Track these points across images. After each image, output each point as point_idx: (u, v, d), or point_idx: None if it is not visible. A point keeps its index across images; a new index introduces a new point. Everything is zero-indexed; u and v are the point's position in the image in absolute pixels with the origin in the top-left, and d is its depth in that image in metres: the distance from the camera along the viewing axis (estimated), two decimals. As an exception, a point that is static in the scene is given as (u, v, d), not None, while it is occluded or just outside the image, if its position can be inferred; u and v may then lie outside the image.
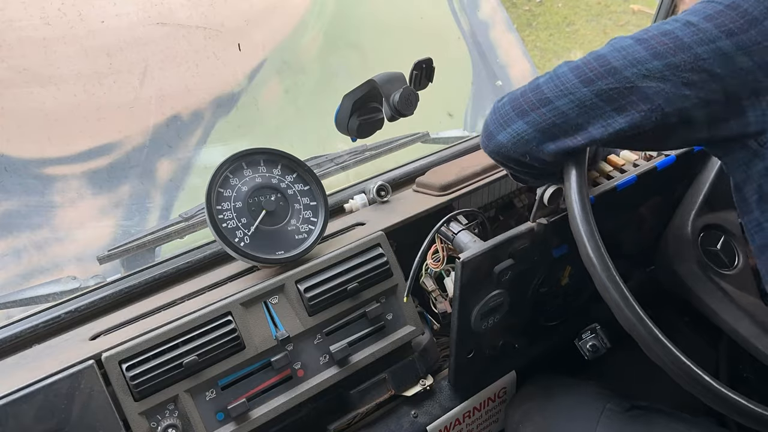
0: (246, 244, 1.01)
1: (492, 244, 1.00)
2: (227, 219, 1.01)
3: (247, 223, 1.03)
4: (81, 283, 1.19)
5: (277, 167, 1.08)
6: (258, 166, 1.06)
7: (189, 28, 1.53)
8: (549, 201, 1.01)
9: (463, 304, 1.02)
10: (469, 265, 0.98)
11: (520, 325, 1.19)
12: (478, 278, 1.00)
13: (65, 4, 1.35)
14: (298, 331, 1.00)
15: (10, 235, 1.44)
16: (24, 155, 1.46)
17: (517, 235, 1.02)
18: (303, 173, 1.10)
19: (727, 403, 0.76)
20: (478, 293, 1.03)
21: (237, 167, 1.04)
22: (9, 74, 1.36)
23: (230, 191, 1.03)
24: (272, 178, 1.07)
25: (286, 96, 1.89)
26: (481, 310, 1.04)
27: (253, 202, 1.04)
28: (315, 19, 1.97)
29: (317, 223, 1.09)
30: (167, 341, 0.91)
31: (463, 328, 1.05)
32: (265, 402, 0.97)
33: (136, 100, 1.52)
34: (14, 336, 1.03)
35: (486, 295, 1.04)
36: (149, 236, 1.23)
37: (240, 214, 1.02)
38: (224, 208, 1.01)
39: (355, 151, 1.41)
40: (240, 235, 1.02)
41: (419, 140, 1.54)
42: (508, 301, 1.08)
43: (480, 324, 1.06)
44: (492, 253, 1.00)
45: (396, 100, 1.02)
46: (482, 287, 1.03)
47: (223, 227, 1.00)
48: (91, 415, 0.86)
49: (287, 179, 1.08)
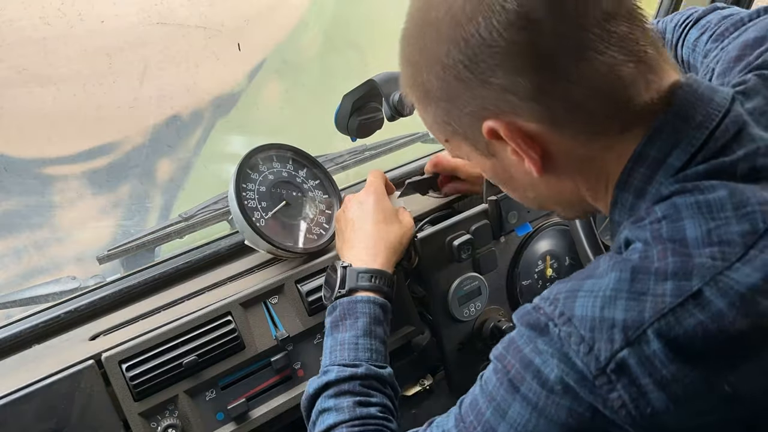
0: (262, 225, 1.03)
1: (448, 224, 1.06)
2: (249, 198, 1.04)
3: (266, 207, 1.06)
4: (81, 283, 1.18)
5: (303, 170, 1.13)
6: (286, 163, 1.12)
7: (189, 28, 1.53)
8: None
9: (436, 285, 1.06)
10: (426, 241, 1.03)
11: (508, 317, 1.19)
12: (439, 256, 1.05)
13: (65, 4, 1.34)
14: (298, 331, 1.00)
15: (10, 235, 1.44)
16: (24, 155, 1.46)
17: (472, 215, 1.08)
18: (326, 183, 1.15)
19: None
20: (446, 269, 1.06)
21: (267, 158, 1.09)
22: (9, 74, 1.36)
23: (257, 175, 1.07)
24: (297, 177, 1.12)
25: (286, 96, 1.90)
26: (457, 294, 1.07)
27: (275, 192, 1.08)
28: (315, 19, 1.97)
29: (329, 230, 1.11)
30: (167, 341, 0.91)
31: (444, 313, 1.08)
32: (265, 402, 0.97)
33: (136, 100, 1.51)
34: (14, 336, 1.03)
35: (458, 276, 1.07)
36: (149, 236, 1.23)
37: (262, 197, 1.06)
38: (248, 188, 1.05)
39: (354, 151, 1.41)
40: (257, 216, 1.04)
41: (419, 140, 1.54)
42: (486, 288, 1.10)
43: (461, 311, 1.08)
44: (449, 230, 1.06)
45: (396, 100, 1.02)
46: (448, 265, 1.06)
47: (245, 204, 1.03)
48: (91, 415, 0.86)
49: (309, 183, 1.13)
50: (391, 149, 1.47)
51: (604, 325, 0.54)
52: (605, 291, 0.56)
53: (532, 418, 0.59)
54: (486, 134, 0.62)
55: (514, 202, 1.10)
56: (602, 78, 0.57)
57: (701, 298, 0.52)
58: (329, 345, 0.88)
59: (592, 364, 0.54)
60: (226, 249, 1.20)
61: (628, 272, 0.56)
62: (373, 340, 0.88)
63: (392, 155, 1.48)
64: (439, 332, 1.09)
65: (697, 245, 0.54)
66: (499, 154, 0.65)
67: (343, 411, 0.80)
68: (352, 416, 0.79)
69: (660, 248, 0.55)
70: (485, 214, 1.09)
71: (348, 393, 0.82)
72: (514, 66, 0.57)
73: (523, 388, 0.59)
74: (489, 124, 0.60)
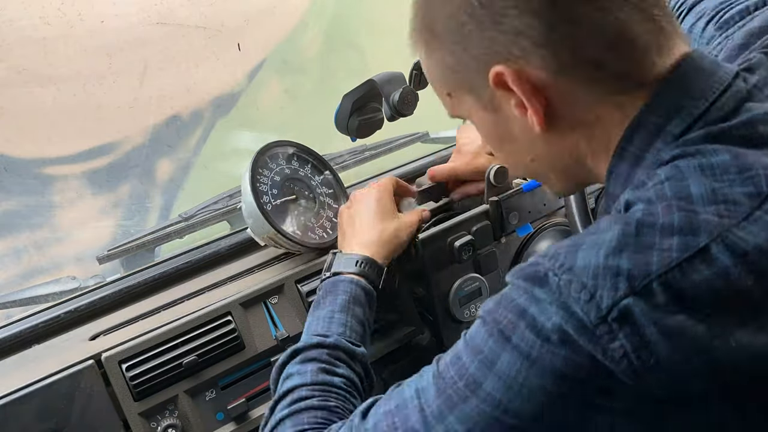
0: (269, 209, 1.04)
1: (449, 224, 1.05)
2: (263, 183, 1.06)
3: (276, 194, 1.07)
4: (81, 283, 1.18)
5: (320, 176, 1.16)
6: (305, 164, 1.13)
7: (189, 28, 1.53)
8: (495, 180, 1.05)
9: (437, 285, 1.05)
10: (427, 243, 1.03)
11: None
12: (440, 257, 1.05)
13: (65, 4, 1.34)
14: (298, 331, 1.00)
15: (10, 235, 1.44)
16: (24, 155, 1.47)
17: (473, 216, 1.07)
18: (339, 192, 1.17)
19: None
20: (447, 270, 1.06)
21: (288, 154, 1.12)
22: (9, 74, 1.36)
23: (275, 165, 1.09)
24: (312, 180, 1.14)
25: (286, 96, 1.90)
26: (458, 294, 1.06)
27: (287, 185, 1.09)
28: (315, 19, 1.97)
29: (331, 234, 1.11)
30: (167, 341, 0.91)
31: (445, 314, 1.07)
32: (265, 402, 0.97)
33: (136, 100, 1.52)
34: (14, 336, 1.03)
35: (457, 278, 1.06)
36: (149, 236, 1.23)
37: (274, 184, 1.07)
38: (263, 174, 1.06)
39: (354, 151, 1.41)
40: (266, 199, 1.05)
41: (419, 140, 1.54)
42: (486, 287, 1.09)
43: (462, 312, 1.08)
44: (450, 231, 1.05)
45: (396, 100, 1.02)
46: (449, 266, 1.06)
47: (258, 186, 1.04)
48: (91, 415, 0.86)
49: (322, 189, 1.14)
50: (391, 149, 1.47)
51: (608, 273, 0.53)
52: (609, 243, 0.55)
53: (523, 369, 0.55)
54: (492, 81, 0.61)
55: (515, 203, 1.09)
56: (618, 33, 0.57)
57: (708, 254, 0.52)
58: (307, 323, 0.88)
59: (593, 312, 0.52)
60: (226, 249, 1.20)
61: (632, 226, 0.55)
62: (349, 317, 0.86)
63: (392, 155, 1.48)
64: (440, 333, 1.09)
65: (703, 203, 0.54)
66: (502, 107, 0.64)
67: (306, 375, 0.78)
68: (313, 380, 0.78)
69: (664, 204, 0.55)
70: (486, 214, 1.09)
71: (314, 360, 0.80)
72: (530, 7, 0.57)
73: (515, 337, 0.56)
74: (497, 69, 0.60)
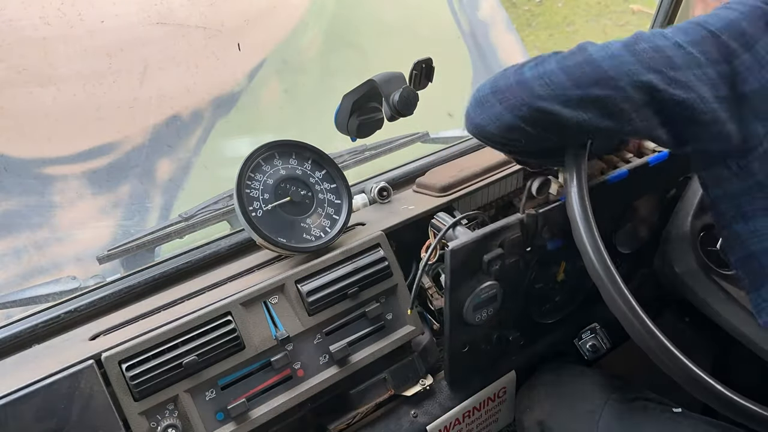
0: (257, 217, 1.04)
1: (481, 234, 1.01)
2: (252, 188, 1.05)
3: (267, 199, 1.06)
4: (81, 283, 1.18)
5: (321, 171, 1.13)
6: (304, 162, 1.12)
7: (189, 28, 1.53)
8: (537, 192, 1.04)
9: (454, 294, 1.03)
10: (457, 254, 0.99)
11: (517, 321, 1.19)
12: (467, 267, 1.02)
13: (65, 4, 1.34)
14: (297, 331, 1.00)
15: (10, 235, 1.44)
16: (24, 155, 1.46)
17: (506, 226, 1.03)
18: (341, 189, 1.14)
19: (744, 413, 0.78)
20: (468, 282, 1.03)
21: (285, 153, 1.10)
22: (9, 74, 1.36)
23: (269, 167, 1.07)
24: (311, 178, 1.12)
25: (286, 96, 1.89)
26: (474, 301, 1.05)
27: (283, 187, 1.08)
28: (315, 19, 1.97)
29: (330, 233, 1.10)
30: (167, 341, 0.91)
31: (456, 319, 1.06)
32: (264, 402, 0.97)
33: (136, 100, 1.51)
34: (14, 336, 1.03)
35: (477, 286, 1.04)
36: (149, 236, 1.23)
37: (266, 189, 1.06)
38: (255, 178, 1.06)
39: (354, 151, 1.41)
40: (256, 206, 1.04)
41: (419, 140, 1.54)
42: (501, 294, 1.08)
43: (473, 316, 1.06)
44: (481, 243, 1.02)
45: (396, 100, 1.02)
46: (472, 277, 1.04)
47: (245, 192, 1.03)
48: (91, 415, 0.86)
49: (324, 185, 1.13)
50: (391, 149, 1.47)
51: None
52: None
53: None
54: None
55: (551, 217, 1.06)
56: None
57: None
58: None
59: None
60: (226, 249, 1.20)
61: None
62: None
63: (392, 155, 1.48)
64: (445, 331, 1.08)
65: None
66: None
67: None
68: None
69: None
70: (520, 225, 1.05)
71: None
72: None
73: None
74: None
